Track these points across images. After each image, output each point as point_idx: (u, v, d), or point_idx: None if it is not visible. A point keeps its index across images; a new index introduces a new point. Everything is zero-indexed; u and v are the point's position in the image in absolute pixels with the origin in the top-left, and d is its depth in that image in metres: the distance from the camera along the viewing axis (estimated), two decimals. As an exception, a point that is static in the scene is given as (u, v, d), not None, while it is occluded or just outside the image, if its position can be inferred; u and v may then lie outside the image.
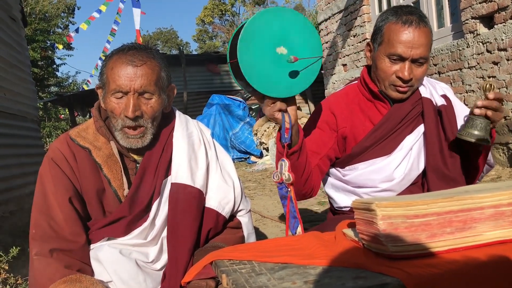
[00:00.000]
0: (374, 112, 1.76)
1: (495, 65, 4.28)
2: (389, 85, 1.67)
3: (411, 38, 1.59)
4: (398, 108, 1.72)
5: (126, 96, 1.47)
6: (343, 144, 1.78)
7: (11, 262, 2.21)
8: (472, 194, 1.04)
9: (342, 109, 1.78)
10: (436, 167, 1.70)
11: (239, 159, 9.49)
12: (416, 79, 1.65)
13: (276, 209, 4.38)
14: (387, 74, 1.65)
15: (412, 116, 1.72)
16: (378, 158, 1.73)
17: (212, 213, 1.60)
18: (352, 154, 1.75)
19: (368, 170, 1.74)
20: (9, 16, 5.44)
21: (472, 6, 4.49)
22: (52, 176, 1.51)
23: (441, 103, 1.73)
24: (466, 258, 0.97)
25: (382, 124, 1.72)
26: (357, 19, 6.87)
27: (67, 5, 23.01)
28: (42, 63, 20.74)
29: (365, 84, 1.78)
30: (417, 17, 1.61)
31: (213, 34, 38.01)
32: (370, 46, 1.74)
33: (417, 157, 1.73)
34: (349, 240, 1.16)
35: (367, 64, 1.79)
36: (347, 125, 1.76)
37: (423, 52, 1.60)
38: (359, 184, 1.77)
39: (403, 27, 1.60)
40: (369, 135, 1.73)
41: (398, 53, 1.60)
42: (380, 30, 1.67)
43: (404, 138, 1.72)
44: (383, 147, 1.73)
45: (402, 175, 1.71)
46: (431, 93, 1.75)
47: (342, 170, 1.80)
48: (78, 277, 1.37)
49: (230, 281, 0.97)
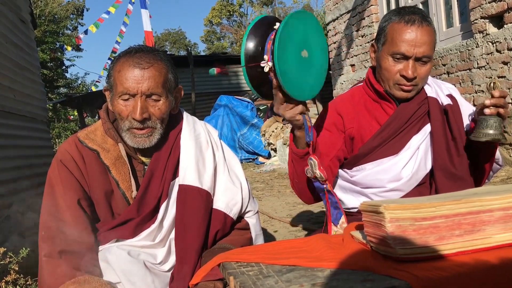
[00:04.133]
0: (380, 113, 1.76)
1: (505, 65, 4.25)
2: (394, 84, 1.67)
3: (414, 36, 1.60)
4: (404, 107, 1.72)
5: (133, 98, 1.47)
6: (351, 145, 1.79)
7: (21, 263, 2.23)
8: (481, 196, 1.04)
9: (349, 110, 1.78)
10: (444, 166, 1.69)
11: (247, 160, 9.49)
12: (420, 78, 1.65)
13: (284, 210, 4.37)
14: (391, 73, 1.66)
15: (418, 116, 1.72)
16: (385, 158, 1.73)
17: (219, 215, 1.60)
18: (359, 155, 1.75)
19: (376, 170, 1.74)
20: (19, 18, 5.48)
21: (481, 5, 4.46)
22: (61, 178, 1.52)
23: (447, 102, 1.73)
24: (475, 261, 0.96)
25: (389, 124, 1.72)
26: (365, 19, 6.85)
27: (76, 7, 23.17)
28: (51, 65, 20.88)
29: (370, 85, 1.78)
30: (420, 16, 1.63)
31: (221, 35, 38.11)
32: (374, 46, 1.75)
33: (424, 156, 1.73)
34: (357, 243, 1.15)
35: (372, 65, 1.80)
36: (354, 126, 1.76)
37: (426, 50, 1.61)
38: (367, 185, 1.76)
39: (406, 26, 1.61)
40: (376, 135, 1.73)
41: (401, 51, 1.61)
42: (383, 30, 1.69)
43: (411, 138, 1.72)
44: (390, 147, 1.73)
45: (410, 175, 1.71)
46: (437, 92, 1.75)
47: (350, 171, 1.80)
48: (87, 278, 1.38)
49: (238, 283, 0.97)
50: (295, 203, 4.64)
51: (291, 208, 4.43)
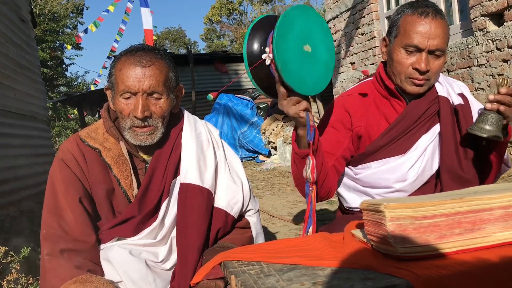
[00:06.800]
0: (390, 110, 1.73)
1: (505, 62, 4.25)
2: (405, 78, 1.64)
3: (428, 28, 1.57)
4: (414, 106, 1.69)
5: (135, 96, 1.48)
6: (358, 143, 1.76)
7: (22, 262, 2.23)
8: (481, 195, 1.04)
9: (357, 107, 1.75)
10: (451, 168, 1.67)
11: (247, 158, 9.49)
12: (432, 72, 1.62)
13: (285, 208, 4.38)
14: (403, 66, 1.62)
15: (428, 115, 1.69)
16: (392, 157, 1.70)
17: (221, 213, 1.61)
18: (365, 153, 1.73)
19: (381, 169, 1.71)
20: (19, 17, 5.48)
21: (481, 3, 4.46)
22: (62, 177, 1.52)
23: (458, 102, 1.70)
24: (475, 259, 0.96)
25: (398, 122, 1.69)
26: (365, 17, 6.84)
27: (75, 5, 23.12)
28: (51, 63, 20.88)
29: (381, 81, 1.74)
30: (434, 9, 1.60)
31: (221, 33, 38.06)
32: (386, 40, 1.71)
33: (431, 157, 1.70)
34: (358, 241, 1.16)
35: (383, 60, 1.76)
36: (362, 124, 1.73)
37: (440, 43, 1.58)
38: (371, 184, 1.74)
39: (419, 18, 1.58)
40: (384, 134, 1.70)
41: (414, 43, 1.58)
42: (396, 23, 1.65)
43: (420, 138, 1.70)
44: (397, 146, 1.70)
45: (415, 176, 1.69)
46: (448, 91, 1.72)
47: (355, 169, 1.78)
48: (89, 277, 1.38)
49: (239, 282, 0.98)
50: (295, 202, 4.65)
51: (292, 207, 4.43)
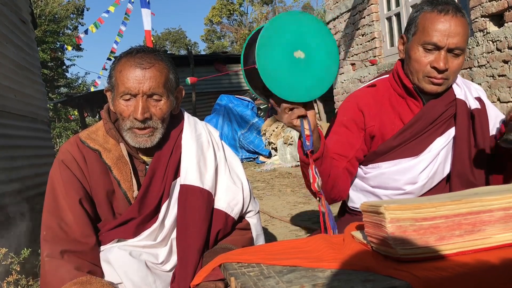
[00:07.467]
0: (405, 110, 1.69)
1: (505, 63, 4.25)
2: (423, 77, 1.60)
3: (448, 26, 1.53)
4: (430, 107, 1.64)
5: (135, 98, 1.48)
6: (370, 143, 1.71)
7: (23, 264, 2.23)
8: (481, 196, 1.04)
9: (371, 106, 1.70)
10: (462, 173, 1.63)
11: (247, 159, 9.49)
12: (451, 72, 1.58)
13: (285, 210, 4.38)
14: (421, 64, 1.58)
15: (445, 118, 1.65)
16: (404, 158, 1.66)
17: (221, 215, 1.61)
18: (377, 152, 1.69)
19: (392, 170, 1.67)
20: (19, 18, 5.48)
21: (481, 4, 4.46)
22: (62, 178, 1.52)
23: (475, 106, 1.66)
24: (476, 261, 0.96)
25: (413, 123, 1.65)
26: (365, 18, 6.84)
27: (76, 7, 23.14)
28: (51, 64, 20.88)
29: (398, 79, 1.70)
30: (454, 6, 1.56)
31: (221, 34, 38.09)
32: (404, 38, 1.67)
33: (444, 161, 1.67)
34: (358, 243, 1.15)
35: (401, 58, 1.72)
36: (375, 124, 1.69)
37: (459, 42, 1.54)
38: (380, 184, 1.70)
39: (439, 15, 1.55)
40: (398, 134, 1.66)
41: (433, 41, 1.54)
42: (414, 20, 1.61)
43: (434, 140, 1.66)
44: (410, 147, 1.66)
45: (426, 179, 1.65)
46: (466, 94, 1.68)
47: (365, 168, 1.74)
48: (89, 279, 1.38)
49: (239, 284, 0.98)
50: (295, 203, 4.65)
51: (292, 208, 4.43)
